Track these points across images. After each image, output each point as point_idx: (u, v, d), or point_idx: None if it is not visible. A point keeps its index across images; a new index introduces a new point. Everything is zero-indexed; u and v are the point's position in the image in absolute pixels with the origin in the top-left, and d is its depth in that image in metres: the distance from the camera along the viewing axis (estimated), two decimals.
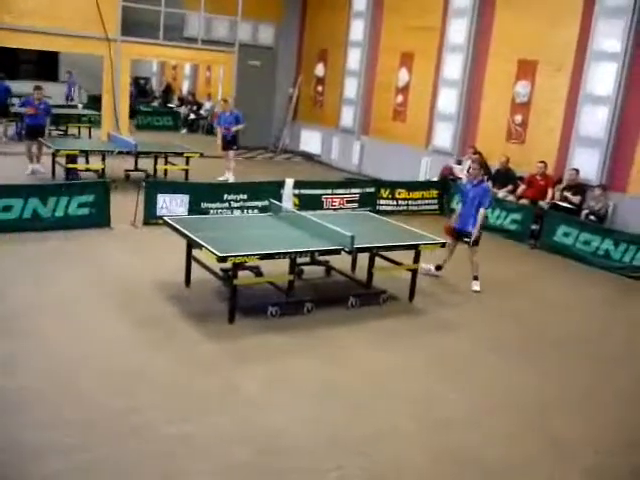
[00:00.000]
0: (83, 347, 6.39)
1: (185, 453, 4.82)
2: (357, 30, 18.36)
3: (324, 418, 5.52)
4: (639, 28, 11.88)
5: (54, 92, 23.33)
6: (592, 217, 11.85)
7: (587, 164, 12.50)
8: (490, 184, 8.66)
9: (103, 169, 13.55)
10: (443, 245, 8.58)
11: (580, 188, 12.30)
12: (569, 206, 12.19)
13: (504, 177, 13.54)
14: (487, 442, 5.37)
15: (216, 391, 5.79)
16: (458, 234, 9.23)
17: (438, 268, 9.45)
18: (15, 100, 19.31)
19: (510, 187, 13.31)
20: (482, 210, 8.97)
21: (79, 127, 19.67)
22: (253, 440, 5.09)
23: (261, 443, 5.06)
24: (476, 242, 9.02)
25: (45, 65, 25.84)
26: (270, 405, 5.65)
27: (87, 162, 13.54)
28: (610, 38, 12.19)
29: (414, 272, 8.43)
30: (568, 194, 12.26)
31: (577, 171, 12.38)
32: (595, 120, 12.50)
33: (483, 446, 5.30)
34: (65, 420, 5.10)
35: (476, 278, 9.14)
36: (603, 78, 12.34)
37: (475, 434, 5.48)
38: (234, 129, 15.00)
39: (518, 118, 14.14)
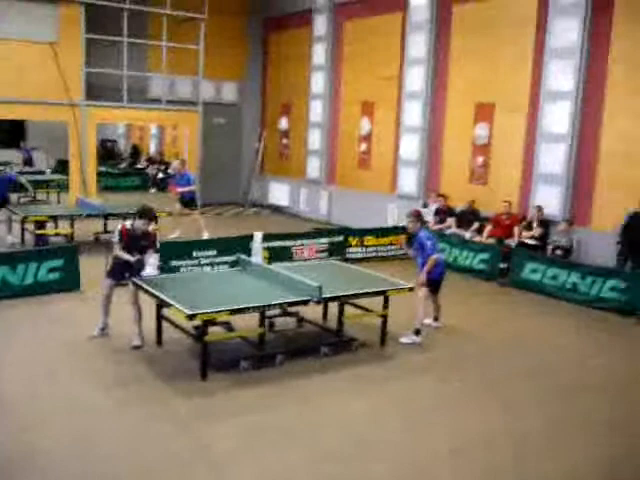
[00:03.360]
0: (48, 409, 6.32)
1: None
2: (318, 83, 18.77)
3: (294, 470, 5.50)
4: (587, 66, 12.31)
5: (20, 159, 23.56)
6: (558, 252, 12.08)
7: (549, 200, 12.80)
8: (426, 233, 8.90)
9: (72, 233, 13.55)
10: (411, 289, 8.64)
11: (544, 224, 12.58)
12: (535, 243, 12.44)
13: (469, 218, 13.89)
14: None
15: (185, 450, 5.74)
16: None
17: (436, 319, 9.49)
18: None
19: (476, 227, 13.59)
20: (431, 256, 8.81)
21: (47, 192, 19.68)
22: None
23: None
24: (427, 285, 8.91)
25: (11, 132, 25.88)
26: (240, 461, 5.60)
27: (56, 227, 13.53)
28: (561, 78, 12.60)
29: (384, 318, 8.51)
30: (533, 227, 12.60)
31: (540, 208, 12.66)
32: (554, 157, 12.82)
33: None
34: None
35: (436, 319, 9.46)
36: (558, 116, 12.69)
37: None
38: (184, 190, 15.08)
39: (479, 160, 14.47)
